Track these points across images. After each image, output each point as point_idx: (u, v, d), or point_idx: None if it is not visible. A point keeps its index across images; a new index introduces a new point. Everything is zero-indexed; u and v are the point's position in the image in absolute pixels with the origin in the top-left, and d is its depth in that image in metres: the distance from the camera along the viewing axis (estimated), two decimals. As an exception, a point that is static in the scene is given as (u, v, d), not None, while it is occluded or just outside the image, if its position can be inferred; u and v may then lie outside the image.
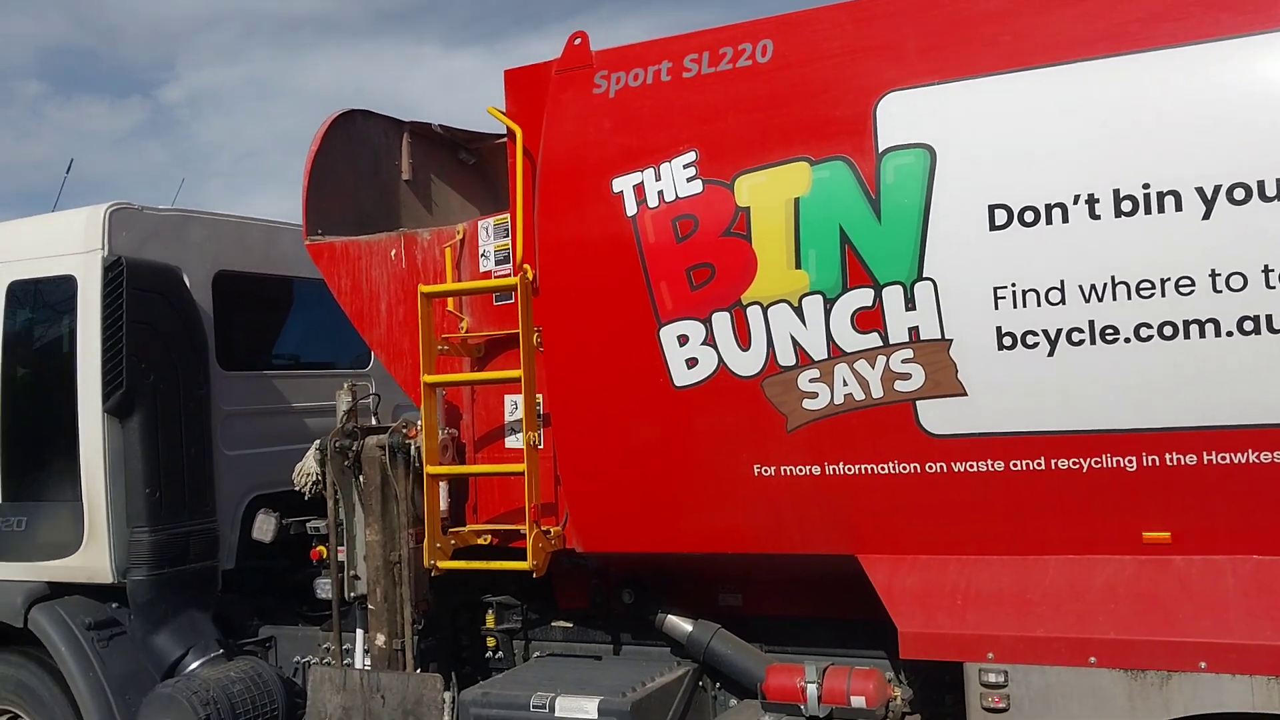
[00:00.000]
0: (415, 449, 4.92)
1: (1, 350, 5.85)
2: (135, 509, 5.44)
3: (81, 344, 5.55)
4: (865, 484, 3.90)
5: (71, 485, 5.55)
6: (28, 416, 5.83)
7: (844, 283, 3.84)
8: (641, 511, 4.32)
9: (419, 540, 4.94)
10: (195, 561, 5.60)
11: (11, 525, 5.70)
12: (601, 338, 4.31)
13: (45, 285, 5.80)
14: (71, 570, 5.55)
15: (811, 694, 4.12)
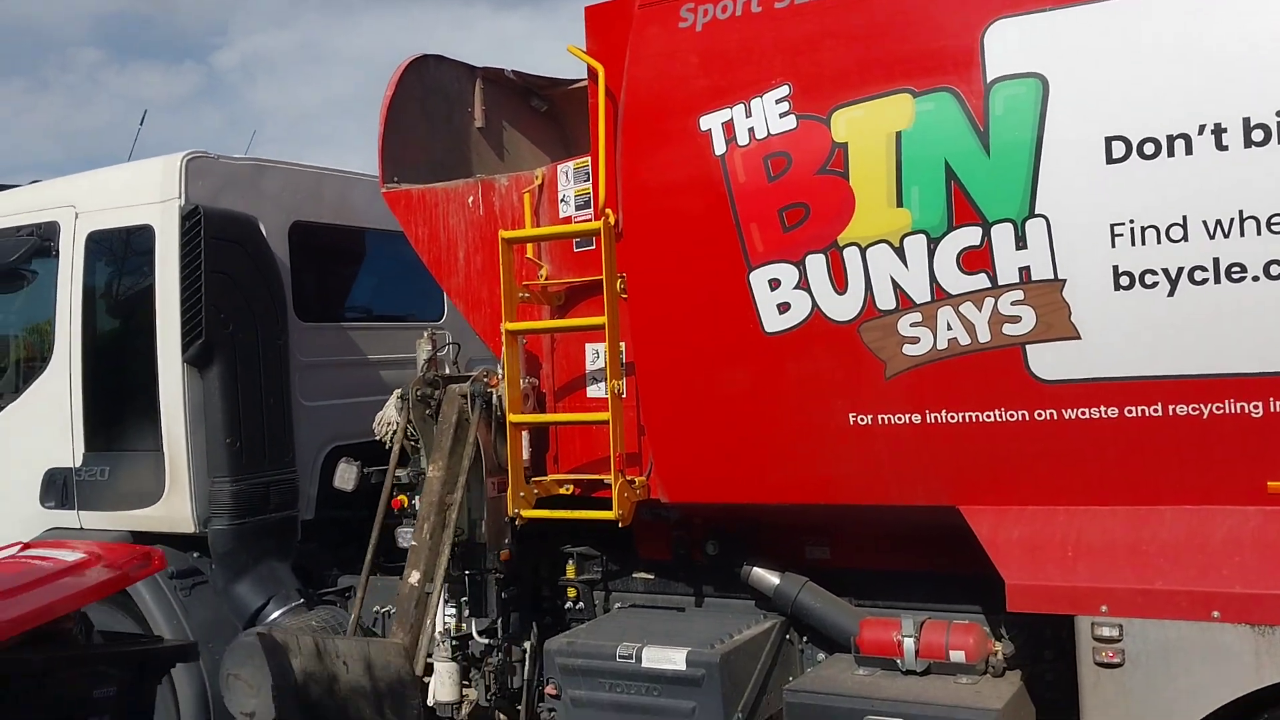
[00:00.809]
0: (496, 397, 4.86)
1: (82, 301, 5.87)
2: (216, 459, 5.44)
3: (160, 294, 5.54)
4: (969, 433, 3.73)
5: (153, 435, 5.57)
6: (109, 367, 5.86)
7: (949, 221, 3.65)
8: (729, 461, 4.20)
9: (500, 490, 4.89)
10: (275, 511, 5.60)
11: (95, 475, 5.74)
12: (688, 283, 4.18)
13: (123, 235, 5.80)
14: (154, 519, 5.58)
15: (908, 648, 4.00)
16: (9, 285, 6.44)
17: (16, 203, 6.31)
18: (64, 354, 5.88)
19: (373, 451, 5.46)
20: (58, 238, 5.94)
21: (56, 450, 5.84)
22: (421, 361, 5.17)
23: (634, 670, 4.26)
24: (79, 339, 5.85)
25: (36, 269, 6.19)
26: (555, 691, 4.47)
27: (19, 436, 6.06)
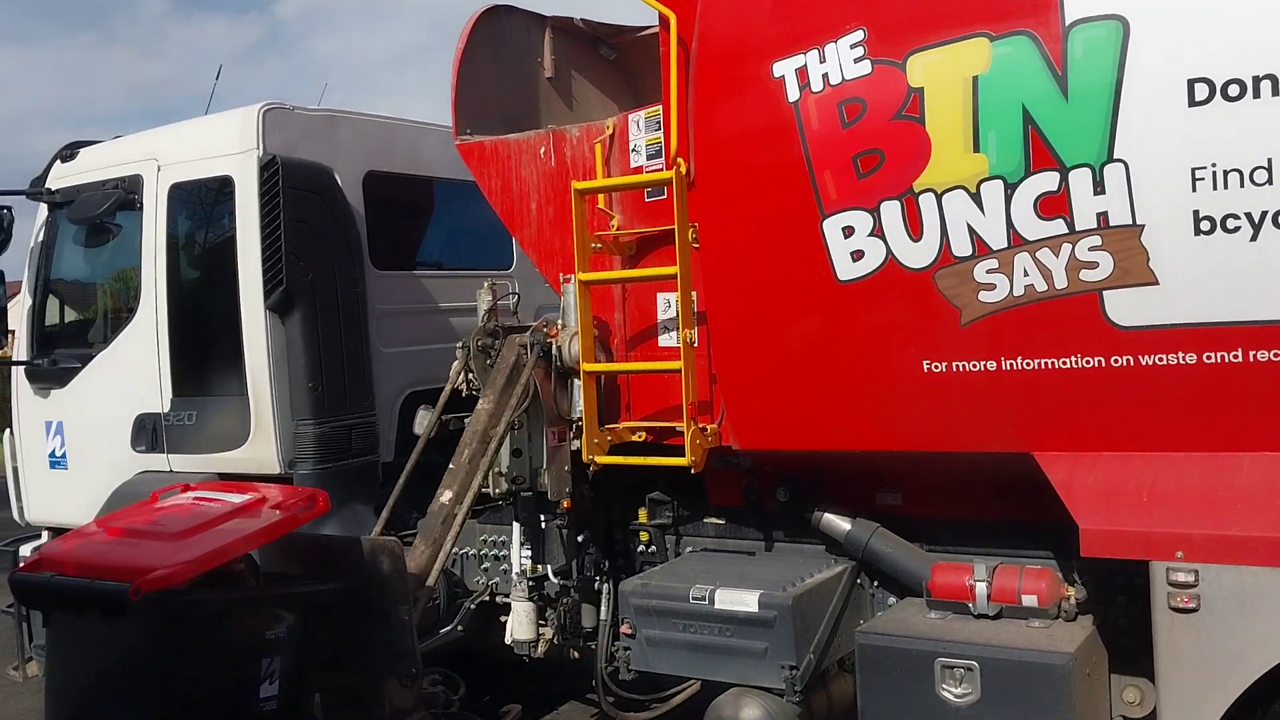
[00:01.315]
0: (556, 348, 4.92)
1: (166, 251, 6.04)
2: (299, 403, 5.60)
3: (241, 243, 5.69)
4: (1044, 379, 3.73)
5: (237, 380, 5.74)
6: (193, 315, 6.04)
7: (1027, 166, 3.62)
8: (801, 409, 4.24)
9: (560, 439, 4.97)
10: (357, 455, 5.76)
11: (183, 420, 5.95)
12: (760, 232, 4.20)
13: (204, 186, 5.94)
14: (241, 462, 5.76)
15: (981, 592, 4.03)
16: (96, 238, 6.65)
17: (101, 157, 6.49)
18: (150, 303, 6.06)
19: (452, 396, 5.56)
20: (141, 190, 6.10)
21: (145, 396, 6.04)
22: (482, 311, 5.22)
23: (707, 611, 4.36)
24: (164, 289, 6.02)
25: (121, 222, 6.38)
26: (630, 630, 4.58)
27: (110, 383, 6.27)
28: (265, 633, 3.86)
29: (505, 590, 5.49)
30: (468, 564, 5.72)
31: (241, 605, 3.85)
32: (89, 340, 6.58)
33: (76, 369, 6.41)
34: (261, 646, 3.84)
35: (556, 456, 4.92)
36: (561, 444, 4.95)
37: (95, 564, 3.75)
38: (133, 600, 3.40)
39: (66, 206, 6.46)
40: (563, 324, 5.00)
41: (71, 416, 6.49)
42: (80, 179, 6.45)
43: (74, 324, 6.95)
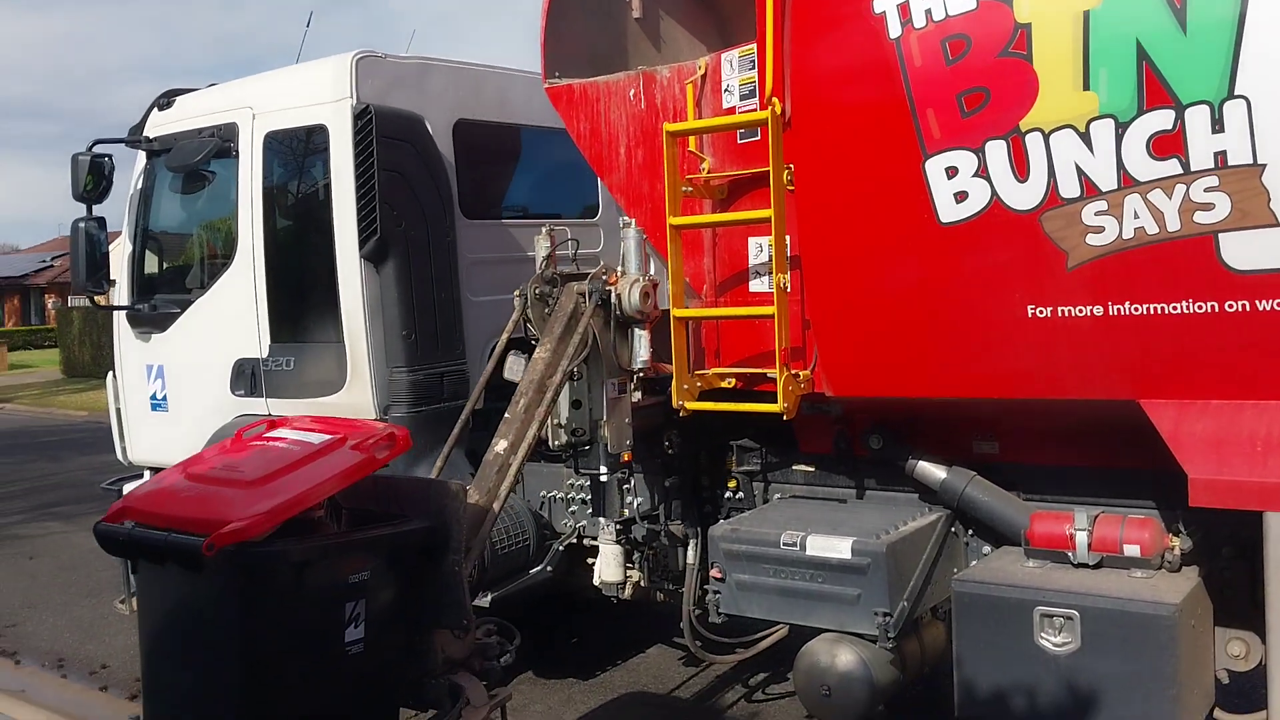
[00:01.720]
0: (616, 296, 4.87)
1: (262, 199, 6.14)
2: (393, 350, 5.69)
3: (336, 191, 5.75)
4: (1153, 325, 3.62)
5: (334, 327, 5.84)
6: (289, 263, 6.14)
7: (1140, 104, 3.49)
8: (898, 355, 4.18)
9: (620, 390, 4.93)
10: (449, 400, 5.83)
11: (281, 365, 6.07)
12: (859, 173, 4.12)
13: (299, 135, 6.01)
14: (337, 407, 5.85)
15: (1081, 541, 3.97)
16: (193, 185, 6.79)
17: (197, 105, 6.60)
18: (247, 251, 6.18)
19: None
20: (237, 138, 6.20)
21: (244, 342, 6.18)
22: (540, 259, 5.14)
23: (798, 557, 4.35)
24: (260, 236, 6.13)
25: (217, 169, 6.50)
26: (720, 575, 4.60)
27: (209, 328, 6.43)
28: (349, 577, 3.80)
29: (593, 533, 5.54)
30: (555, 507, 5.78)
31: (322, 552, 3.77)
32: (188, 286, 6.74)
33: (176, 314, 6.58)
34: (345, 591, 3.78)
35: (617, 408, 4.89)
36: (622, 395, 4.91)
37: (173, 514, 3.71)
38: (207, 555, 3.38)
39: (164, 154, 6.60)
40: (623, 271, 4.94)
41: (172, 360, 6.67)
42: (177, 127, 6.57)
43: (173, 269, 7.12)
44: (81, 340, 31.13)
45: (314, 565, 3.70)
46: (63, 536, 10.81)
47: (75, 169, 6.43)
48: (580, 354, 4.81)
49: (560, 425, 4.97)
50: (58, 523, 11.52)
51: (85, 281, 6.42)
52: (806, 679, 4.36)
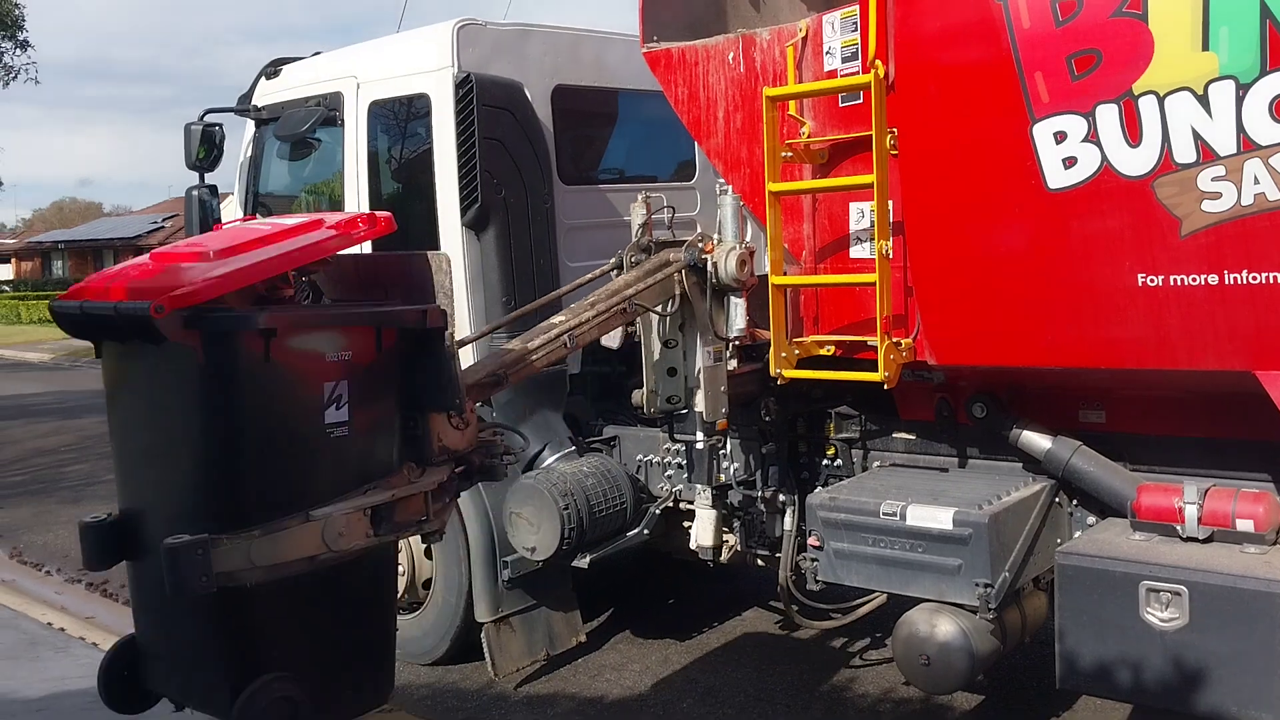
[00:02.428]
0: (713, 264, 4.86)
1: (367, 167, 6.26)
2: (494, 316, 5.75)
3: (438, 160, 5.83)
4: (1272, 294, 3.50)
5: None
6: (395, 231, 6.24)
7: (1263, 65, 3.36)
8: (1004, 323, 4.11)
9: (716, 359, 4.93)
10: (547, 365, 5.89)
11: (384, 330, 6.20)
12: (965, 137, 4.04)
13: (402, 104, 6.11)
14: (440, 370, 5.99)
15: (1190, 515, 3.88)
16: (300, 153, 6.95)
17: (304, 75, 6.74)
18: (353, 217, 6.31)
19: None
20: (342, 107, 6.32)
21: (347, 308, 6.33)
22: (636, 226, 5.14)
23: (898, 527, 4.34)
24: (365, 203, 6.25)
25: (323, 137, 6.64)
26: (818, 543, 4.61)
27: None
28: (327, 354, 3.47)
29: (689, 497, 5.59)
30: (651, 471, 5.84)
31: (293, 323, 3.43)
32: (295, 252, 6.91)
33: (285, 280, 6.76)
34: (323, 369, 3.45)
35: (713, 376, 4.90)
36: (718, 363, 4.92)
37: (127, 287, 3.40)
38: (156, 319, 3.11)
39: (272, 123, 6.76)
40: (719, 238, 4.92)
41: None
42: (284, 96, 6.72)
43: (281, 236, 7.30)
44: (192, 300, 32.16)
45: (285, 337, 3.37)
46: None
47: (188, 138, 6.64)
48: (666, 305, 4.84)
49: (655, 392, 5.01)
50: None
51: (199, 249, 6.63)
52: (905, 647, 4.36)
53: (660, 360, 4.97)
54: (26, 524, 10.07)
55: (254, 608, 3.43)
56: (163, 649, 3.70)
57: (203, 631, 3.50)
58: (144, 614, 3.73)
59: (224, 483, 3.37)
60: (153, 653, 3.72)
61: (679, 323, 4.96)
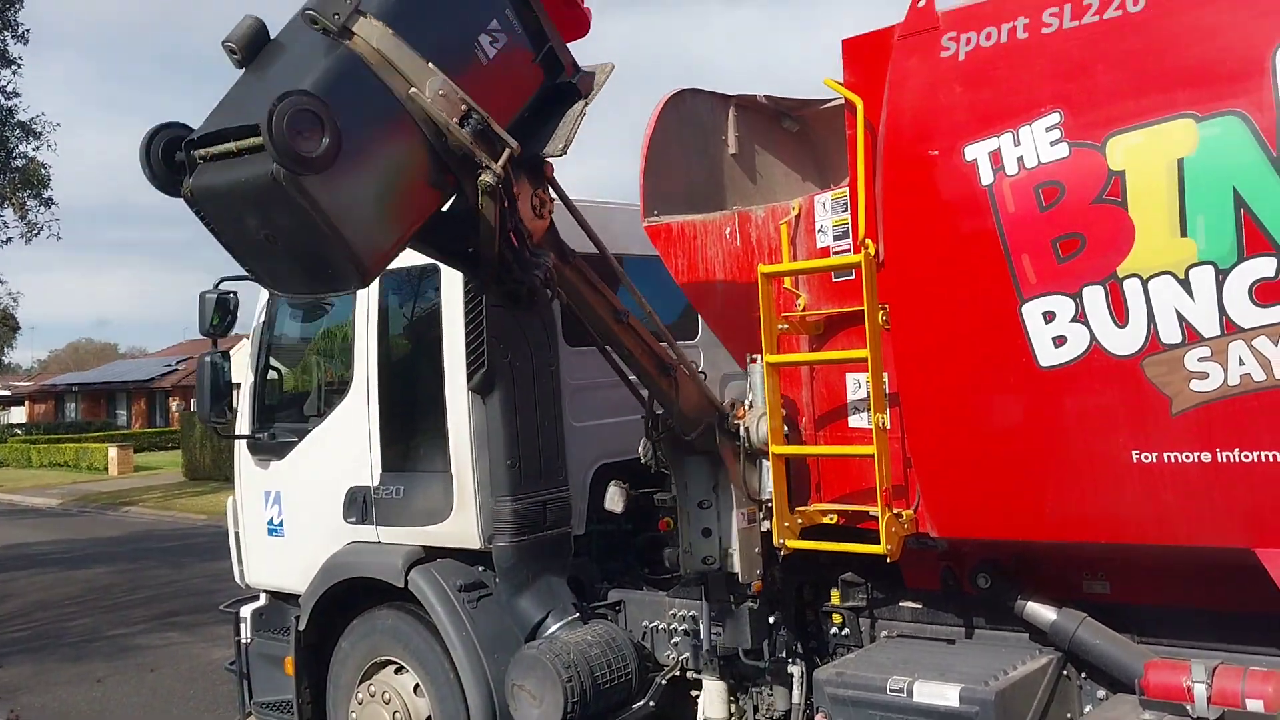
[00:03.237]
0: (744, 429, 4.94)
1: (377, 333, 6.40)
2: (498, 479, 5.81)
3: (447, 325, 5.96)
4: (1266, 472, 3.53)
5: (441, 457, 6.00)
6: (402, 394, 6.36)
7: (1240, 251, 3.47)
8: (1002, 497, 4.14)
9: (750, 520, 4.98)
10: (551, 528, 5.91)
11: (391, 494, 6.26)
12: (956, 315, 4.14)
13: (413, 271, 6.27)
14: (443, 535, 6.01)
15: (1200, 694, 3.82)
16: (312, 317, 7.12)
17: (318, 242, 6.94)
18: (362, 380, 6.42)
19: (638, 468, 5.67)
20: None
21: (357, 470, 6.39)
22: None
23: (906, 704, 4.28)
24: (375, 367, 6.37)
25: (335, 303, 6.81)
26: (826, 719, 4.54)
27: (324, 457, 6.66)
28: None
29: (696, 666, 5.52)
30: (658, 638, 5.78)
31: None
32: (305, 414, 7.01)
33: (294, 442, 6.84)
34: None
35: (747, 538, 4.94)
36: (752, 525, 4.97)
37: None
38: None
39: (287, 290, 6.93)
40: (750, 404, 5.04)
41: (289, 487, 6.92)
42: (298, 264, 6.90)
43: (291, 398, 7.42)
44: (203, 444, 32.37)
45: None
46: (183, 647, 11.16)
47: (202, 305, 6.81)
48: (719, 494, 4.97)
49: (688, 552, 5.03)
50: (178, 633, 11.90)
51: (209, 413, 6.73)
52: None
53: (695, 521, 4.99)
54: (26, 683, 9.95)
55: None
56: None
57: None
58: None
59: None
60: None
61: (713, 484, 5.02)
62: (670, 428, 5.13)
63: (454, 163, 4.01)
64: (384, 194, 3.93)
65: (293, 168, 3.47)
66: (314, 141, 3.47)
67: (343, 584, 6.38)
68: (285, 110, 3.43)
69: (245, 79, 3.94)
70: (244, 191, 3.68)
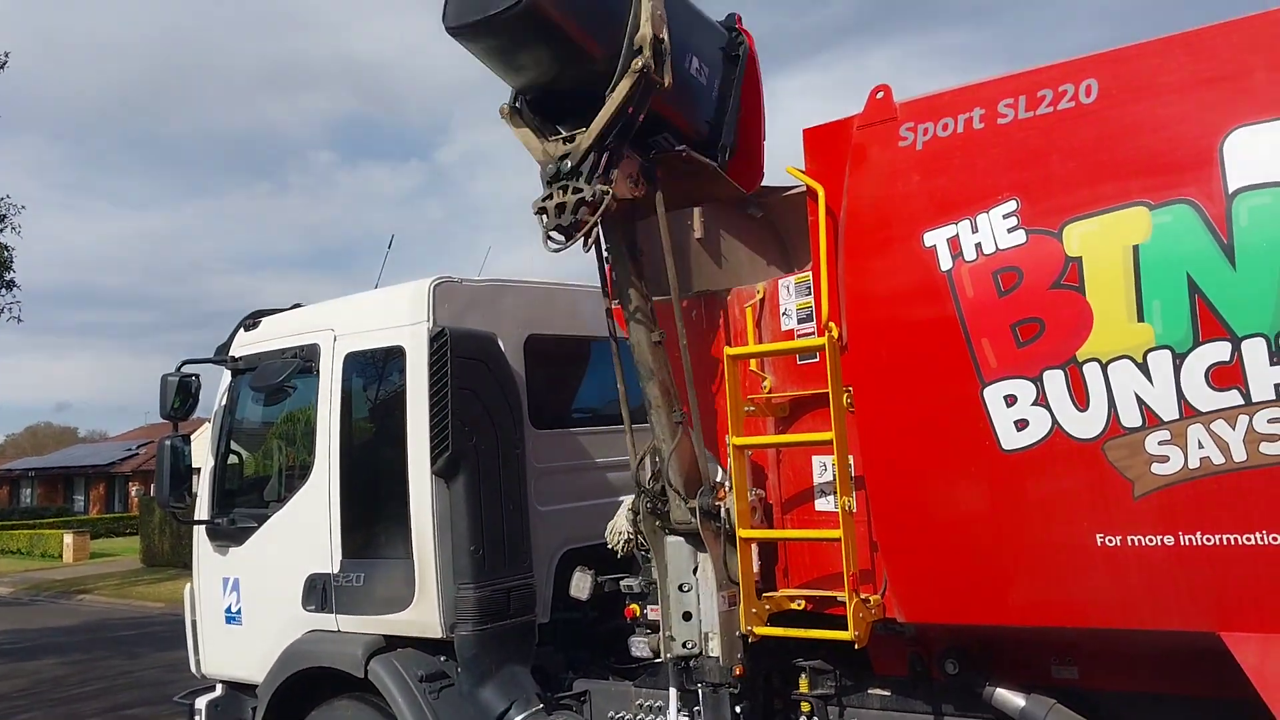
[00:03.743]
0: (724, 510, 4.93)
1: (339, 416, 6.34)
2: (461, 566, 5.72)
3: (411, 409, 5.92)
4: (1229, 555, 3.55)
5: (403, 543, 5.91)
6: (364, 478, 6.29)
7: (1195, 336, 3.53)
8: (969, 581, 4.12)
9: (731, 604, 4.93)
10: (515, 616, 5.82)
11: (351, 581, 6.14)
12: (918, 398, 4.17)
13: (377, 355, 6.26)
14: (404, 624, 5.89)
15: (1170, 782, 3.78)
16: (274, 401, 7.06)
17: (282, 326, 6.92)
18: (324, 466, 6.35)
19: (604, 554, 5.61)
20: (318, 359, 6.46)
21: (317, 557, 6.28)
22: (648, 473, 5.23)
23: (875, 794, 4.19)
24: (337, 452, 6.30)
25: (298, 386, 6.75)
26: (795, 812, 4.44)
27: (284, 543, 6.55)
28: None
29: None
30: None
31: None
32: (265, 500, 6.91)
33: (253, 528, 6.73)
34: None
35: (728, 621, 4.87)
36: (733, 608, 4.90)
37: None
38: None
39: (249, 373, 6.89)
40: (730, 486, 5.00)
41: (247, 574, 6.79)
42: (262, 347, 6.88)
43: (251, 484, 7.32)
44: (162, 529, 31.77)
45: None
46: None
47: (164, 388, 6.75)
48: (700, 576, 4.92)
49: (671, 637, 4.96)
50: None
51: (168, 497, 6.63)
52: None
53: (676, 605, 4.94)
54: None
55: None
56: None
57: None
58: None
59: None
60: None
61: (693, 566, 4.96)
62: (655, 502, 5.08)
63: (627, 50, 4.56)
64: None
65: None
66: None
67: (301, 674, 6.22)
68: None
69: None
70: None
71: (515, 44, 4.58)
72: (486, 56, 4.72)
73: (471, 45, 4.65)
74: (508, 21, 4.37)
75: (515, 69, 4.77)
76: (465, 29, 4.53)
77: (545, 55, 4.63)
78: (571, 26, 4.55)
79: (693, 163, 5.00)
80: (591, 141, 4.63)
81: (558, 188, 4.70)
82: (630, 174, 4.80)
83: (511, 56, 4.69)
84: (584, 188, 4.62)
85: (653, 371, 5.04)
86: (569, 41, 4.58)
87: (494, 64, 4.77)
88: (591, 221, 4.65)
